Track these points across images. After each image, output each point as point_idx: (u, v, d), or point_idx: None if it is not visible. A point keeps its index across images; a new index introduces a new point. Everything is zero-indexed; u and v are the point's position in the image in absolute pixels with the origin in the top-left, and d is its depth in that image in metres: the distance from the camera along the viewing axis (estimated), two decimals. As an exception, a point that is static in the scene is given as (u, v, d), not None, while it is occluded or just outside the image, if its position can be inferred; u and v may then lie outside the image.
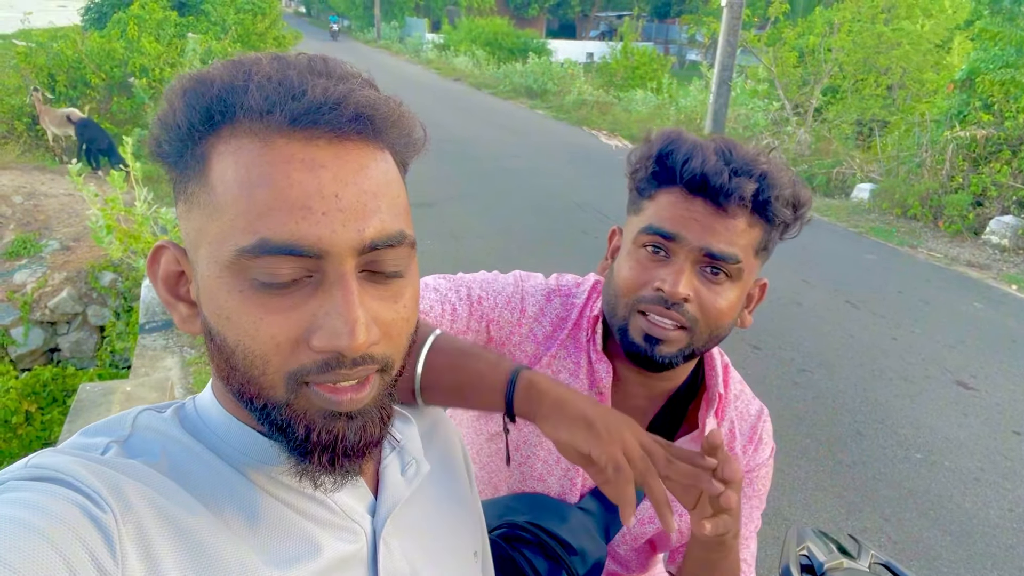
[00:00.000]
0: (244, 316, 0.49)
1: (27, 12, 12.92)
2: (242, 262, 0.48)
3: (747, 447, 1.08)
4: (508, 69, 18.22)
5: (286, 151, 0.49)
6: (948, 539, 2.94)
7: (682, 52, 31.62)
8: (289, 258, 0.48)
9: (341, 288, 0.49)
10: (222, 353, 0.52)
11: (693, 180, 0.88)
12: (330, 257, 0.49)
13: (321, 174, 0.49)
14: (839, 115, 10.86)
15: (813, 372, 4.31)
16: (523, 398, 0.76)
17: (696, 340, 0.92)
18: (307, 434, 0.52)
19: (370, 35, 33.36)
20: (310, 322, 0.49)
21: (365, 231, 0.50)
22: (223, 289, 0.50)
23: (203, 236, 0.51)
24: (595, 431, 0.71)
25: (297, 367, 0.50)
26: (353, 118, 0.50)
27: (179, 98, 0.51)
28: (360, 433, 0.53)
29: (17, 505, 0.43)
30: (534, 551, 0.96)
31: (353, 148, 0.51)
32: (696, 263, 0.90)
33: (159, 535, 0.48)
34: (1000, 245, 7.04)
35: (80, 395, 3.39)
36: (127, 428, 0.56)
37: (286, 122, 0.49)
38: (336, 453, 0.52)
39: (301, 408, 0.51)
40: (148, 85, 9.61)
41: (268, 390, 0.51)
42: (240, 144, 0.49)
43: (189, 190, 0.52)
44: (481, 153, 10.29)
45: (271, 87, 0.49)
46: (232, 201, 0.49)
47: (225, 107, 0.50)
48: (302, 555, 0.55)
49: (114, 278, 6.37)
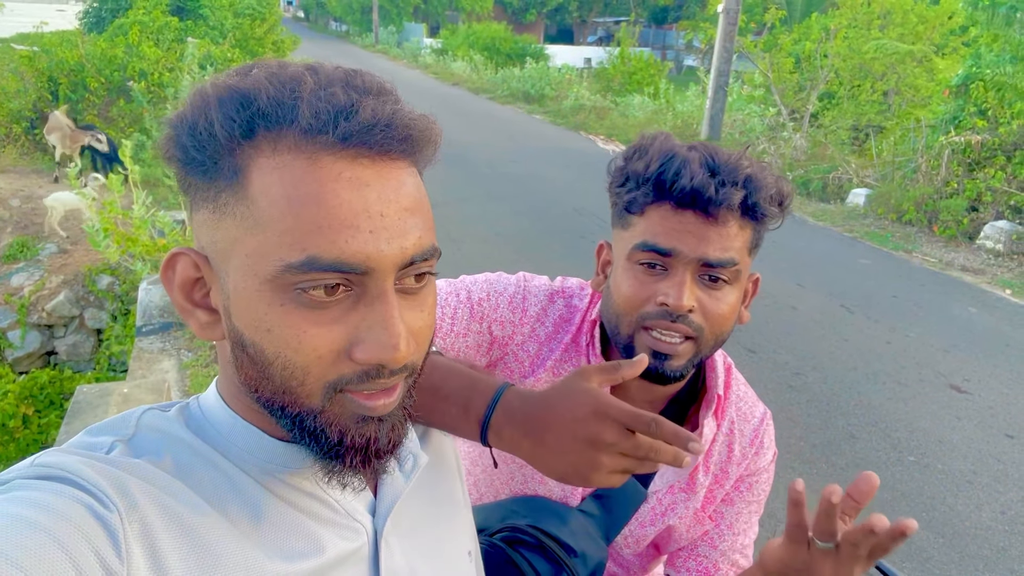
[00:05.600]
0: (287, 329, 0.50)
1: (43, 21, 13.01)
2: (287, 278, 0.49)
3: (747, 451, 1.07)
4: (506, 74, 18.25)
5: (333, 169, 0.50)
6: (940, 541, 2.96)
7: (679, 58, 31.71)
8: (335, 275, 0.50)
9: (383, 303, 0.51)
10: (256, 364, 0.52)
11: (683, 196, 0.88)
12: (375, 274, 0.51)
13: (367, 193, 0.50)
14: (835, 120, 10.90)
15: (807, 375, 4.33)
16: (491, 434, 0.73)
17: (703, 348, 0.92)
18: (340, 439, 0.53)
19: (368, 40, 33.38)
20: (352, 335, 0.51)
21: (407, 248, 0.52)
22: (263, 302, 0.50)
23: (239, 247, 0.51)
24: (579, 477, 0.69)
25: (336, 377, 0.52)
26: (401, 139, 0.52)
27: (215, 108, 0.50)
28: (390, 435, 0.56)
29: (23, 504, 0.44)
30: (535, 554, 0.96)
31: (394, 166, 0.53)
32: (695, 273, 0.90)
33: (164, 534, 0.48)
34: (994, 250, 7.07)
35: (77, 397, 3.39)
36: (131, 427, 0.56)
37: (336, 141, 0.49)
38: (368, 455, 0.55)
39: (335, 414, 0.53)
40: (147, 89, 9.62)
41: (305, 399, 0.52)
42: (284, 160, 0.50)
43: (221, 200, 0.52)
44: (479, 157, 10.31)
45: (320, 105, 0.49)
46: (278, 217, 0.49)
47: (271, 122, 0.50)
48: (305, 553, 0.55)
49: (111, 281, 6.37)
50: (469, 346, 1.02)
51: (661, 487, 1.06)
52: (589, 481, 0.68)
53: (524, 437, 0.71)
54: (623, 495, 1.04)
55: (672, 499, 1.06)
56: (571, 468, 0.68)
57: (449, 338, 1.00)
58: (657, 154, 0.91)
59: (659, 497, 1.06)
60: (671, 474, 1.06)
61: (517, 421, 0.72)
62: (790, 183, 0.95)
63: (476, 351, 1.03)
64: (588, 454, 0.67)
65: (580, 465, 0.67)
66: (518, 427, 0.71)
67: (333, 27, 43.34)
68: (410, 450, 0.68)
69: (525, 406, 0.72)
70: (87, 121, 8.90)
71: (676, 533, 1.08)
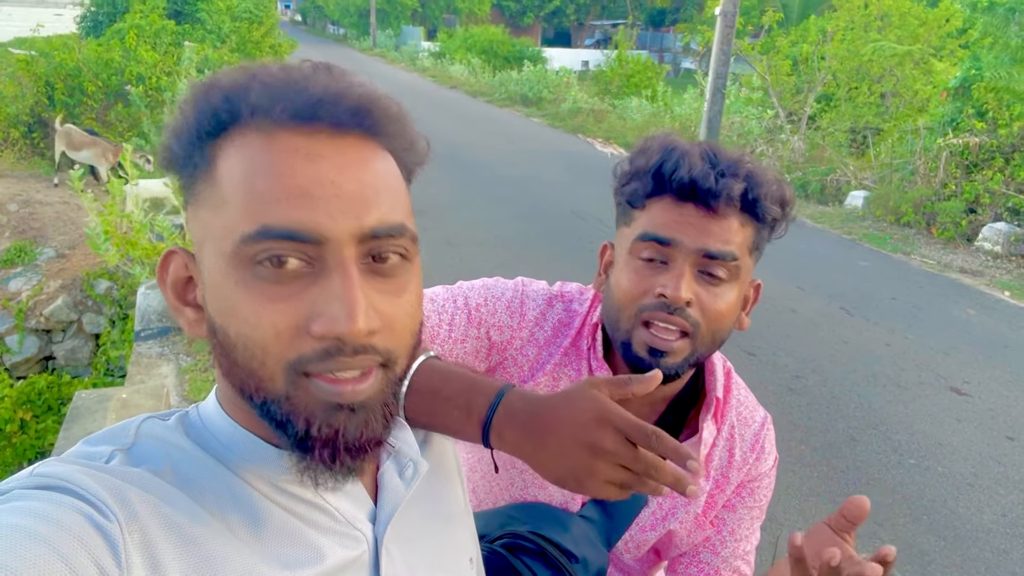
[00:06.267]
0: (245, 306, 0.50)
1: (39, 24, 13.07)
2: (244, 250, 0.49)
3: (748, 455, 1.06)
4: (504, 77, 18.26)
5: (290, 143, 0.50)
6: (942, 544, 2.96)
7: (677, 60, 31.75)
8: (289, 244, 0.49)
9: (340, 274, 0.50)
10: (224, 348, 0.52)
11: (683, 186, 0.88)
12: (329, 244, 0.50)
13: (321, 163, 0.50)
14: (833, 123, 10.92)
15: (807, 378, 4.32)
16: (493, 436, 0.73)
17: (699, 346, 0.92)
18: (307, 428, 0.51)
19: (366, 43, 33.41)
20: (310, 309, 0.50)
21: (364, 219, 0.51)
22: (227, 281, 0.51)
23: (209, 232, 0.52)
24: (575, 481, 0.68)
25: (296, 356, 0.50)
26: (352, 111, 0.52)
27: (189, 105, 0.53)
28: (361, 428, 0.53)
29: (23, 514, 0.43)
30: (536, 560, 0.96)
31: (354, 142, 0.53)
32: (695, 266, 0.90)
33: (164, 543, 0.48)
34: (993, 252, 7.09)
35: (75, 402, 3.38)
36: (131, 436, 0.56)
37: (288, 117, 0.50)
38: (337, 448, 0.52)
39: (301, 401, 0.51)
40: (144, 93, 9.62)
41: (267, 382, 0.51)
42: (245, 141, 0.51)
43: (197, 191, 0.53)
44: (477, 161, 10.31)
45: (274, 86, 0.51)
46: (235, 192, 0.50)
47: (231, 108, 0.51)
48: (306, 562, 0.55)
49: (109, 286, 6.36)
50: (468, 352, 1.01)
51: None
52: (583, 487, 0.67)
53: (526, 438, 0.70)
54: (624, 500, 1.04)
55: (672, 504, 1.06)
56: (568, 472, 0.68)
57: (448, 344, 0.99)
58: (658, 148, 0.92)
59: (659, 502, 1.06)
60: None
61: (519, 422, 0.71)
62: (792, 187, 0.95)
63: (475, 357, 1.03)
64: (586, 459, 0.66)
65: (577, 470, 0.67)
66: (520, 428, 0.71)
67: (331, 30, 43.42)
68: (410, 457, 0.68)
69: (528, 407, 0.71)
70: (86, 125, 8.89)
71: (677, 538, 1.07)
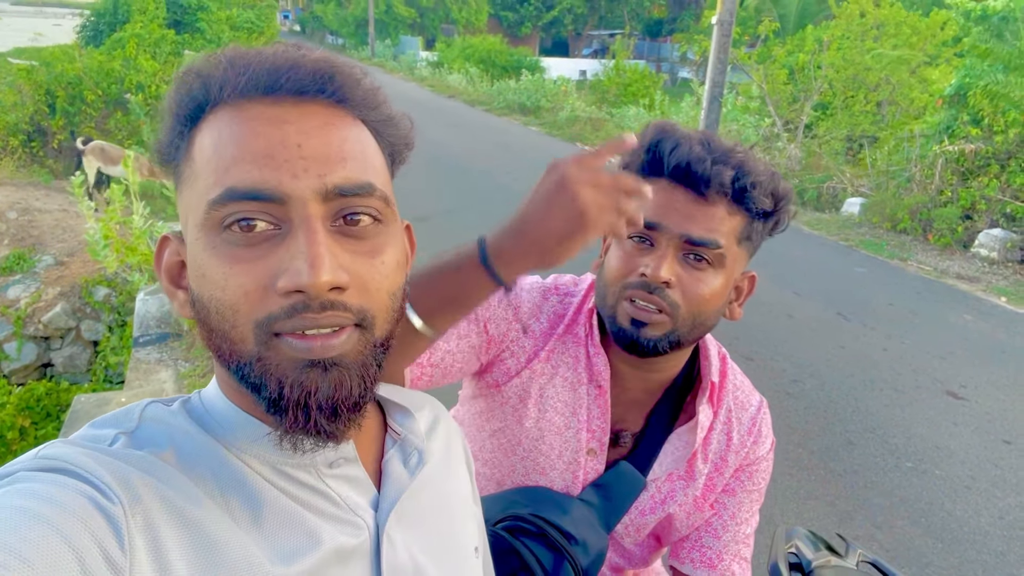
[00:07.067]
0: (215, 269, 0.51)
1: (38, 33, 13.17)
2: (212, 216, 0.51)
3: (746, 439, 1.08)
4: (502, 86, 18.31)
5: (254, 112, 0.53)
6: (939, 546, 2.96)
7: (674, 70, 31.87)
8: (254, 204, 0.50)
9: (305, 230, 0.51)
10: (200, 316, 0.53)
11: (677, 169, 0.92)
12: (292, 202, 0.51)
13: (285, 127, 0.52)
14: (829, 131, 10.97)
15: (805, 382, 4.34)
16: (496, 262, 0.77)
17: (680, 326, 0.95)
18: (280, 389, 0.51)
19: (364, 53, 33.48)
20: (276, 267, 0.50)
21: (328, 176, 0.52)
22: (202, 249, 0.52)
23: (188, 208, 0.54)
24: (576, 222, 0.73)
25: (266, 315, 0.50)
26: (312, 76, 0.54)
27: (171, 94, 0.56)
28: (336, 386, 0.52)
29: (27, 495, 0.44)
30: (537, 542, 0.98)
31: (319, 109, 0.54)
32: (678, 250, 0.93)
33: (166, 527, 0.48)
34: (989, 258, 7.12)
35: (75, 407, 3.38)
36: (135, 420, 0.56)
37: (253, 88, 0.53)
38: (309, 407, 0.51)
39: (273, 362, 0.51)
40: (144, 102, 9.65)
41: (239, 344, 0.51)
42: (217, 117, 0.54)
43: (180, 173, 0.56)
44: (475, 169, 10.34)
45: (241, 62, 0.54)
46: (206, 164, 0.53)
47: (206, 88, 0.54)
48: (304, 548, 0.55)
49: (108, 293, 6.36)
50: (469, 346, 1.03)
51: (660, 475, 1.07)
52: (587, 218, 0.72)
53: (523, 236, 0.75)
54: (623, 483, 1.06)
55: (671, 487, 1.07)
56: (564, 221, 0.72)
57: (451, 340, 1.01)
58: (656, 131, 0.97)
59: (658, 485, 1.08)
60: (670, 462, 1.08)
61: (508, 231, 0.76)
62: (787, 182, 0.97)
63: (475, 352, 1.05)
64: (566, 197, 0.72)
65: (568, 210, 0.72)
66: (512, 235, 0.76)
67: (329, 41, 43.53)
68: (415, 445, 0.68)
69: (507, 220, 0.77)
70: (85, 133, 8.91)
71: (676, 521, 1.09)
